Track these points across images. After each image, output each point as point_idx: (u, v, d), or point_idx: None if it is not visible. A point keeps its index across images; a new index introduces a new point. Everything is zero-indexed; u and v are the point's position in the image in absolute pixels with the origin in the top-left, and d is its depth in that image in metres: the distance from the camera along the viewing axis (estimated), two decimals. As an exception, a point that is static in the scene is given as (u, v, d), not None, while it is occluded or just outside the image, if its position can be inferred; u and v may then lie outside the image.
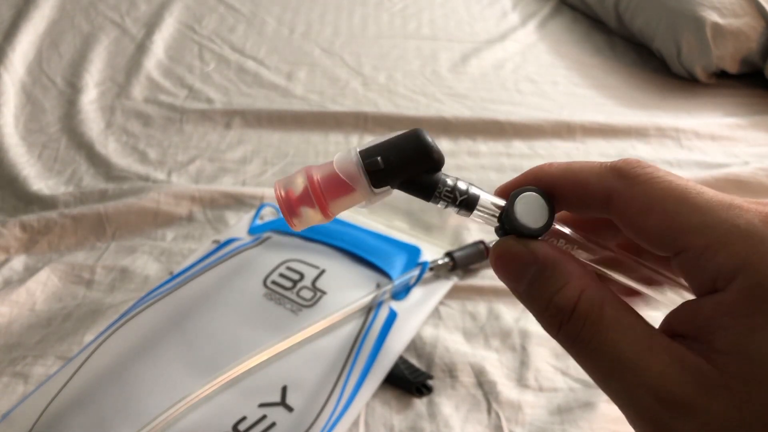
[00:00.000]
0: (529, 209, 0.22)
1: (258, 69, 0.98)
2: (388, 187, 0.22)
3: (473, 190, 0.22)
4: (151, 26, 1.07)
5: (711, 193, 0.20)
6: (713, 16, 0.93)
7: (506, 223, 0.22)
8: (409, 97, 0.92)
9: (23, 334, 0.53)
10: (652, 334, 0.19)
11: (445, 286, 0.56)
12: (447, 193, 0.22)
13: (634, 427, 0.20)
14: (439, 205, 0.23)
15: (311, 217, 0.22)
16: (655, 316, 0.22)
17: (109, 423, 0.41)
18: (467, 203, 0.22)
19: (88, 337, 0.51)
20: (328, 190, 0.22)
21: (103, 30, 1.06)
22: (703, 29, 0.92)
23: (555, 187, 0.22)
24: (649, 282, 0.24)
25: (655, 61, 1.03)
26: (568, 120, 0.84)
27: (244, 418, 0.42)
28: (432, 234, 0.63)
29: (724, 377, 0.18)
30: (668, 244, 0.20)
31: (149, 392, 0.43)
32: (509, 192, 0.23)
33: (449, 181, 0.22)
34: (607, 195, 0.21)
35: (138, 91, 0.91)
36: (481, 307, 0.55)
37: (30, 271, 0.59)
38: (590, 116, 0.86)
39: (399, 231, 0.62)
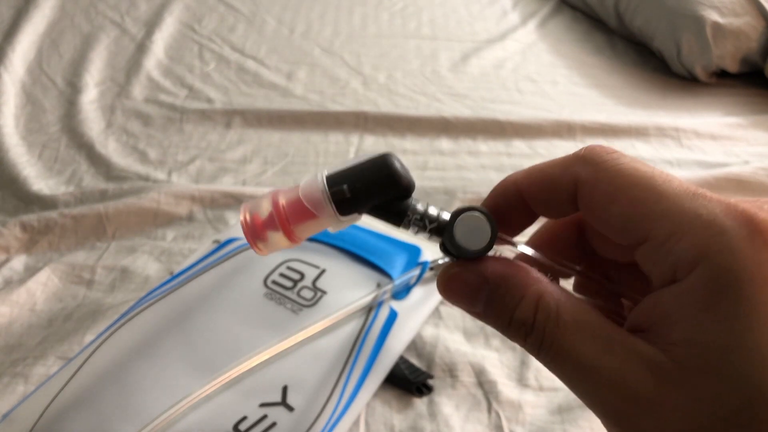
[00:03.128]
0: (470, 230, 0.21)
1: (258, 69, 0.98)
2: (356, 214, 0.22)
3: (444, 216, 0.22)
4: (151, 26, 1.07)
5: (677, 182, 0.19)
6: (713, 16, 0.93)
7: (447, 244, 0.22)
8: (409, 96, 0.92)
9: (24, 334, 0.53)
10: (610, 331, 0.19)
11: (445, 285, 0.56)
12: (417, 221, 0.22)
13: (606, 427, 0.20)
14: (410, 231, 0.22)
15: (277, 241, 0.22)
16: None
17: (110, 423, 0.41)
18: (438, 230, 0.22)
19: (89, 337, 0.51)
20: (294, 216, 0.22)
21: (103, 30, 1.06)
22: (704, 29, 0.92)
23: (523, 190, 0.22)
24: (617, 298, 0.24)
25: (656, 60, 1.03)
26: (569, 119, 0.84)
27: (244, 418, 0.42)
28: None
29: (680, 370, 0.17)
30: (632, 233, 0.19)
31: (150, 392, 0.43)
32: (488, 203, 0.22)
33: (419, 207, 0.22)
34: (572, 184, 0.21)
35: (138, 90, 0.91)
36: (481, 307, 0.55)
37: (30, 271, 0.59)
38: (590, 116, 0.86)
39: (399, 231, 0.62)
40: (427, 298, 0.55)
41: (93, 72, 0.95)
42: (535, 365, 0.50)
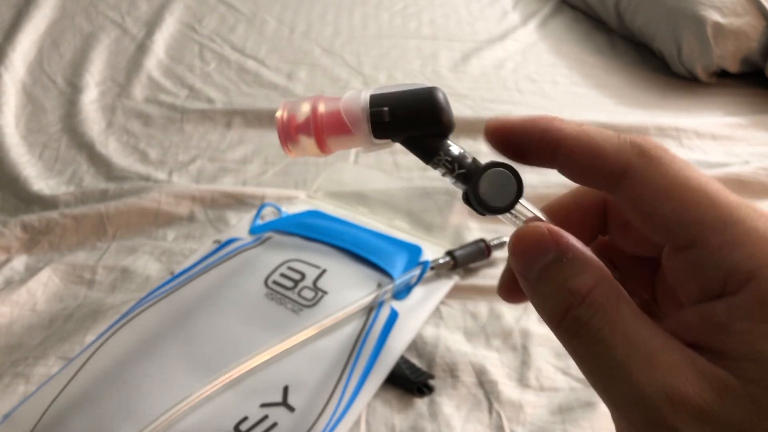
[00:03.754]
0: (495, 186, 0.21)
1: (258, 69, 0.98)
2: (390, 140, 0.21)
3: (476, 165, 0.21)
4: (151, 26, 1.07)
5: (729, 193, 0.19)
6: (714, 16, 0.92)
7: (469, 193, 0.21)
8: (410, 96, 0.91)
9: (24, 334, 0.53)
10: (666, 336, 0.18)
11: (446, 285, 0.56)
12: (447, 162, 0.21)
13: (621, 427, 0.19)
14: (437, 171, 0.22)
15: (308, 147, 0.22)
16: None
17: (111, 423, 0.41)
18: (464, 177, 0.21)
19: (89, 338, 0.51)
20: (329, 127, 0.21)
21: (104, 30, 1.06)
22: (704, 29, 0.92)
23: (565, 148, 0.20)
24: None
25: (656, 60, 1.03)
26: (569, 119, 0.84)
27: (245, 419, 0.42)
28: (433, 233, 0.63)
29: (744, 384, 0.17)
30: (680, 234, 0.19)
31: (150, 392, 0.43)
32: (503, 130, 0.21)
33: (453, 150, 0.21)
34: (622, 169, 0.19)
35: (138, 90, 0.91)
36: (482, 307, 0.55)
37: (31, 271, 0.59)
38: (591, 116, 0.86)
39: (400, 231, 0.62)
40: (427, 297, 0.55)
41: (93, 72, 0.95)
42: (536, 365, 0.50)
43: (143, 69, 0.95)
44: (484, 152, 0.79)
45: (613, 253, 0.24)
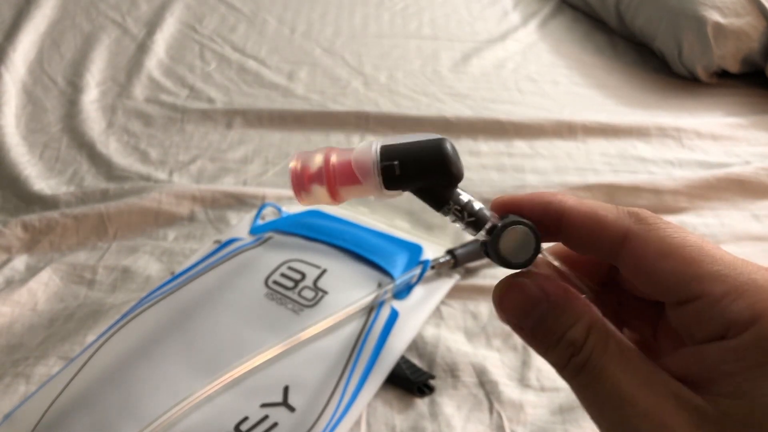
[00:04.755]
0: (515, 242, 0.22)
1: (259, 69, 0.98)
2: (400, 191, 0.22)
3: (483, 213, 0.22)
4: (152, 26, 1.07)
5: (723, 250, 0.20)
6: (714, 16, 0.92)
7: (489, 251, 0.22)
8: (410, 96, 0.92)
9: (25, 334, 0.53)
10: (651, 369, 0.20)
11: (446, 284, 0.56)
12: (456, 211, 0.22)
13: None
14: (447, 218, 0.23)
15: (320, 196, 0.22)
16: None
17: (111, 423, 0.41)
18: (474, 225, 0.22)
19: (90, 338, 0.51)
20: (341, 177, 0.22)
21: (104, 30, 1.06)
22: (705, 29, 0.92)
23: (568, 219, 0.22)
24: None
25: (656, 60, 1.03)
26: (569, 119, 0.84)
27: (245, 419, 0.42)
28: (433, 233, 0.63)
29: (724, 418, 0.18)
30: (682, 289, 0.20)
31: (151, 392, 0.43)
32: (509, 206, 0.23)
33: (462, 198, 0.22)
34: (623, 235, 0.21)
35: (139, 90, 0.91)
36: (482, 307, 0.55)
37: (31, 271, 0.59)
38: (591, 116, 0.86)
39: (400, 230, 0.62)
40: (428, 297, 0.55)
41: (94, 72, 0.95)
42: (537, 365, 0.50)
43: (144, 69, 0.95)
44: (484, 152, 0.79)
45: (620, 292, 0.25)
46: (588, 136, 0.83)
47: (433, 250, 0.58)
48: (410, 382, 0.48)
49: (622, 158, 0.79)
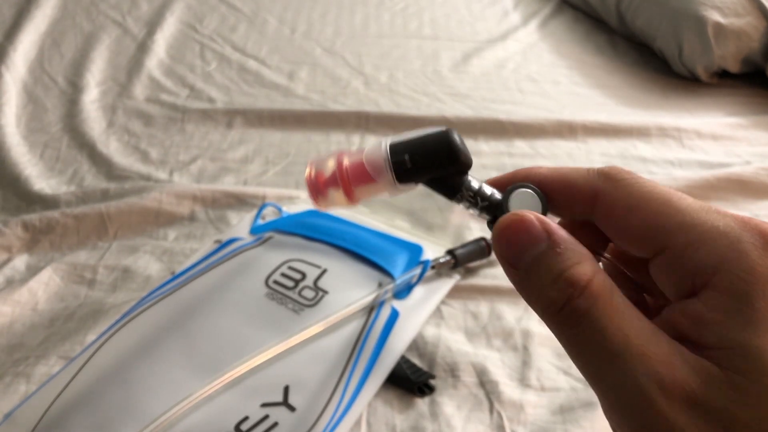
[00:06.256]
0: (523, 205, 0.22)
1: (259, 68, 0.98)
2: (413, 184, 0.23)
3: (496, 196, 0.23)
4: (152, 25, 1.07)
5: (691, 199, 0.20)
6: (715, 16, 0.92)
7: (500, 216, 0.22)
8: (411, 96, 0.92)
9: (25, 334, 0.53)
10: (654, 328, 0.19)
11: (447, 284, 0.56)
12: (470, 197, 0.23)
13: (625, 420, 0.19)
14: (461, 205, 0.23)
15: (337, 199, 0.23)
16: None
17: (112, 423, 0.41)
18: (488, 209, 0.23)
19: (90, 337, 0.51)
20: (355, 178, 0.23)
21: (105, 29, 1.06)
22: (705, 29, 0.92)
23: (543, 186, 0.23)
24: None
25: (657, 60, 1.03)
26: (570, 119, 0.84)
27: (246, 418, 0.42)
28: (433, 233, 0.63)
29: (724, 372, 0.18)
30: (650, 243, 0.20)
31: (151, 392, 0.43)
32: (496, 186, 0.23)
33: (474, 184, 0.23)
34: (593, 195, 0.22)
35: (139, 90, 0.91)
36: (483, 307, 0.55)
37: (32, 271, 0.59)
38: (592, 116, 0.86)
39: (400, 230, 0.62)
40: (428, 297, 0.55)
41: (94, 71, 0.95)
42: (537, 365, 0.50)
43: (144, 69, 0.95)
44: (485, 152, 0.79)
45: (627, 261, 0.25)
46: (588, 136, 0.83)
47: (433, 250, 0.58)
48: (410, 381, 0.48)
49: (622, 158, 0.79)
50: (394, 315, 0.51)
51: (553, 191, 0.23)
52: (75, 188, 0.71)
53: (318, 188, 0.23)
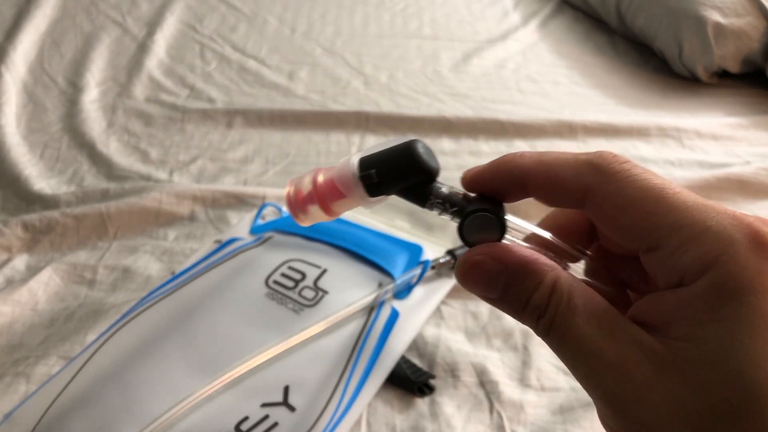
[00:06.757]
0: (480, 228, 0.23)
1: (259, 68, 0.98)
2: (384, 196, 0.23)
3: (462, 201, 0.23)
4: (152, 25, 1.07)
5: (686, 194, 0.20)
6: (715, 16, 0.92)
7: (460, 237, 0.23)
8: (411, 96, 0.92)
9: (25, 334, 0.53)
10: (615, 318, 0.20)
11: (447, 284, 0.56)
12: (438, 204, 0.23)
13: (599, 412, 0.21)
14: (434, 212, 0.23)
15: (317, 214, 0.24)
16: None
17: (112, 423, 0.41)
18: (459, 214, 0.23)
19: (90, 337, 0.51)
20: (329, 195, 0.23)
21: (105, 29, 1.06)
22: (705, 29, 0.92)
23: (529, 180, 0.23)
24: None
25: (657, 60, 1.03)
26: (570, 120, 0.84)
27: (246, 418, 0.42)
28: (434, 233, 0.63)
29: (679, 361, 0.19)
30: (642, 241, 0.21)
31: (151, 392, 0.43)
32: (477, 181, 0.23)
33: (443, 191, 0.23)
34: (583, 191, 0.21)
35: (139, 90, 0.91)
36: (482, 307, 0.55)
37: (32, 271, 0.59)
38: (592, 116, 0.86)
39: (400, 230, 0.62)
40: (428, 297, 0.55)
41: (94, 71, 0.95)
42: (537, 365, 0.50)
43: (144, 69, 0.95)
44: (485, 152, 0.79)
45: (613, 256, 0.26)
46: (588, 136, 0.83)
47: (433, 250, 0.58)
48: (410, 381, 0.48)
49: (622, 158, 0.79)
50: (394, 315, 0.51)
51: (539, 184, 0.22)
52: (75, 188, 0.71)
53: (298, 206, 0.24)
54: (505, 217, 0.23)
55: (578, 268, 0.25)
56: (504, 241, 0.23)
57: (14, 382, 0.48)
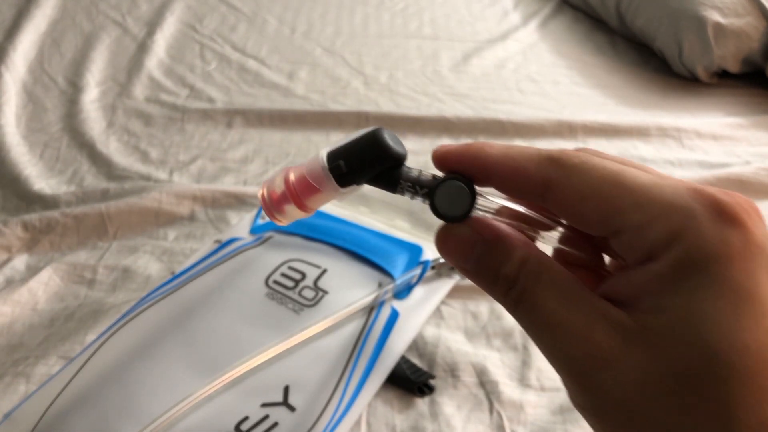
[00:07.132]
0: (451, 198, 0.23)
1: (259, 68, 0.98)
2: (355, 185, 0.24)
3: (432, 181, 0.23)
4: (152, 25, 1.07)
5: (643, 174, 0.21)
6: (715, 16, 0.92)
7: (431, 209, 0.24)
8: (411, 96, 0.92)
9: (25, 334, 0.53)
10: (581, 292, 0.21)
11: (446, 284, 0.56)
12: (409, 188, 0.23)
13: (565, 385, 0.21)
14: (406, 196, 0.24)
15: (293, 213, 0.24)
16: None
17: (111, 423, 0.41)
18: (429, 195, 0.23)
19: (90, 337, 0.51)
20: (302, 191, 0.24)
21: (105, 29, 1.06)
22: (705, 29, 0.92)
23: (493, 171, 0.23)
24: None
25: (657, 60, 1.03)
26: (570, 120, 0.84)
27: (246, 418, 0.42)
28: (433, 233, 0.63)
29: (644, 331, 0.19)
30: (605, 227, 0.21)
31: (151, 392, 0.43)
32: (445, 159, 0.24)
33: (412, 174, 0.23)
34: (544, 184, 0.22)
35: (139, 90, 0.91)
36: (482, 307, 0.55)
37: (32, 271, 0.59)
38: (592, 116, 0.86)
39: (400, 230, 0.62)
40: (428, 297, 0.55)
41: (94, 71, 0.95)
42: (537, 365, 0.50)
43: (144, 68, 0.95)
44: (484, 152, 0.79)
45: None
46: (588, 136, 0.83)
47: (433, 250, 0.58)
48: (410, 381, 0.48)
49: (622, 158, 0.79)
50: (394, 315, 0.51)
51: (503, 177, 0.23)
52: (75, 188, 0.71)
53: (273, 206, 0.24)
54: (475, 186, 0.23)
55: (553, 236, 0.25)
56: (481, 215, 0.23)
57: (14, 382, 0.48)
